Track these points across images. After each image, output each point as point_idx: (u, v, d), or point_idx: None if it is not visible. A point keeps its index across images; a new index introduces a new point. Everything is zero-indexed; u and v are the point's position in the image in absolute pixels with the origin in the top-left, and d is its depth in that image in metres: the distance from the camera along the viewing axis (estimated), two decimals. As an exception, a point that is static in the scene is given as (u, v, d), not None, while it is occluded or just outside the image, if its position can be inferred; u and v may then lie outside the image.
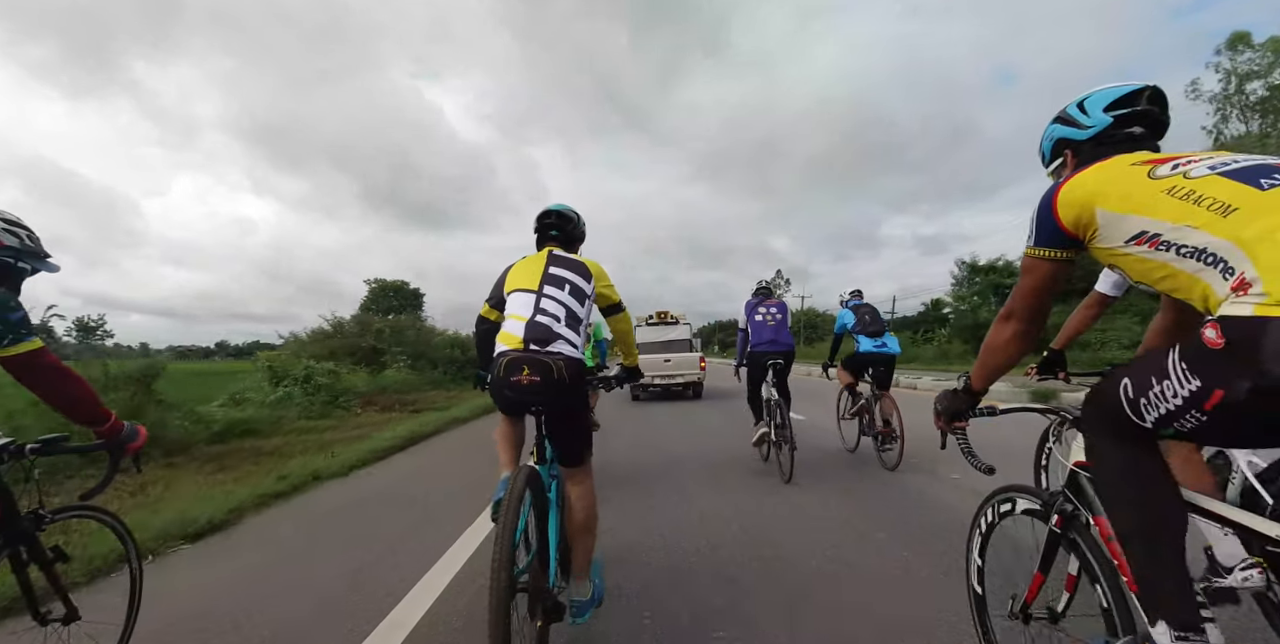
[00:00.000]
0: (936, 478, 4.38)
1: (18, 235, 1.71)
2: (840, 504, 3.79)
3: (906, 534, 3.09)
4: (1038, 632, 1.59)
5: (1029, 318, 1.33)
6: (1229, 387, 0.91)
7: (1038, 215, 1.25)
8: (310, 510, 4.19)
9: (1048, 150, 1.47)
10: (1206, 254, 0.97)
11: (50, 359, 1.66)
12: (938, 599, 2.32)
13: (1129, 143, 1.29)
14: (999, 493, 1.63)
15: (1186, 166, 1.07)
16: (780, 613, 2.28)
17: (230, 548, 3.39)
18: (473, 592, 2.52)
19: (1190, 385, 0.96)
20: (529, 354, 2.00)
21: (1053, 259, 1.25)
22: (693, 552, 2.97)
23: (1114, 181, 1.14)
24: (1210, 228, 0.97)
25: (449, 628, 2.24)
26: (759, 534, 3.20)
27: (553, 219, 2.48)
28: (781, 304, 5.07)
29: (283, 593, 2.66)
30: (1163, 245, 1.03)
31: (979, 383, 1.47)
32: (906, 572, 2.64)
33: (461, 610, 2.37)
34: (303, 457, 6.11)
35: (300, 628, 2.32)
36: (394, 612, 2.37)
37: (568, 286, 2.20)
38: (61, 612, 1.89)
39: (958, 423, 1.53)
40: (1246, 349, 0.88)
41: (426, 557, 2.95)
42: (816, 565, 2.74)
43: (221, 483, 5.01)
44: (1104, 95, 1.33)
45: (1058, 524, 1.43)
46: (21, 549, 1.74)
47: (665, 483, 4.54)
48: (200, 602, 2.59)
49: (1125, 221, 1.09)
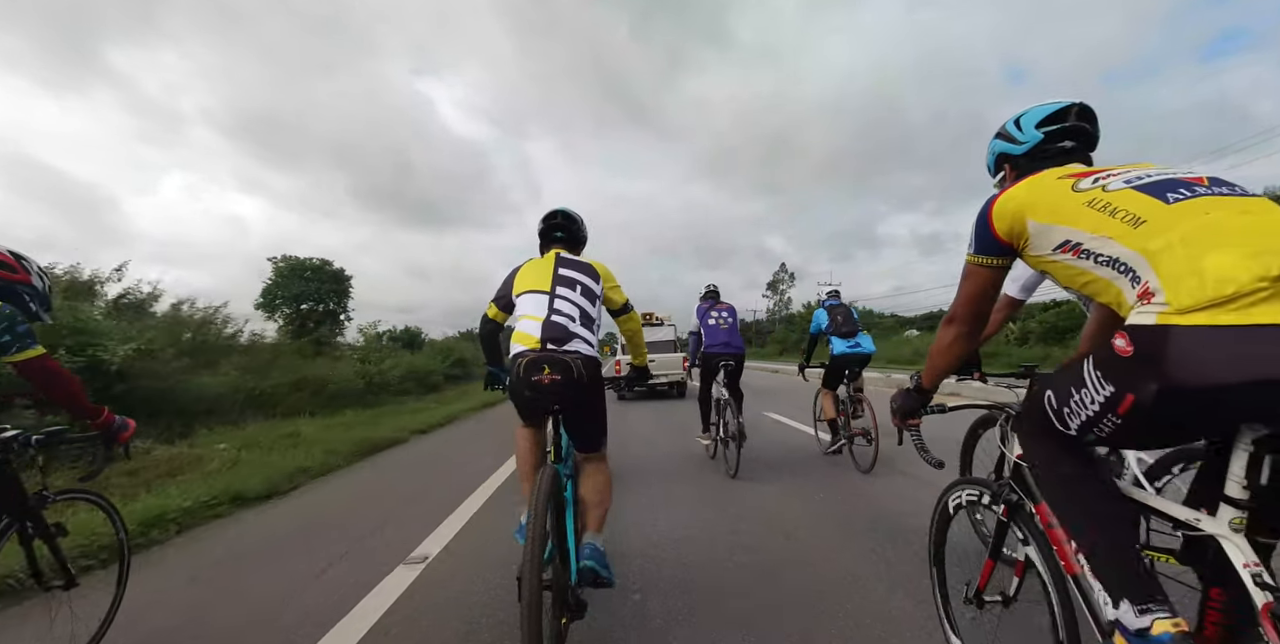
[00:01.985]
0: (909, 478, 4.38)
1: (44, 282, 2.12)
2: (802, 499, 3.91)
3: (877, 528, 3.18)
4: (994, 615, 1.69)
5: (970, 321, 1.42)
6: (1138, 391, 0.97)
7: (976, 225, 1.34)
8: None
9: (991, 164, 1.57)
10: (1119, 263, 1.05)
11: (52, 364, 1.95)
12: (892, 590, 2.42)
13: (1061, 156, 1.38)
14: (954, 486, 1.72)
15: (1106, 180, 1.16)
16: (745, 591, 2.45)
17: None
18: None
19: (1105, 391, 1.03)
20: (548, 353, 2.03)
21: (989, 266, 1.34)
22: (666, 542, 3.10)
23: (1042, 194, 1.22)
24: (1122, 238, 1.04)
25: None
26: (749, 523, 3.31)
27: (559, 220, 2.51)
28: (731, 308, 5.30)
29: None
30: (1084, 254, 1.11)
31: (929, 382, 1.56)
32: (881, 564, 2.70)
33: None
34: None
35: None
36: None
37: (579, 287, 2.24)
38: (61, 580, 2.13)
39: (911, 420, 1.62)
40: (1152, 356, 0.94)
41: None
42: (780, 553, 2.85)
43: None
44: (1036, 113, 1.42)
45: (1004, 513, 1.52)
46: (28, 524, 1.99)
47: (647, 477, 4.66)
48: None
49: (1052, 232, 1.18)
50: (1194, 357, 0.90)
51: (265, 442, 6.66)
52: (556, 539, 1.93)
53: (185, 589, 2.76)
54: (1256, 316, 0.87)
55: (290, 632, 2.23)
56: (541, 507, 1.73)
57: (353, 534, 3.42)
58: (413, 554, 2.99)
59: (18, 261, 2.01)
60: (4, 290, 1.94)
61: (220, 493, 4.19)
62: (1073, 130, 1.38)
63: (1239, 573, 0.97)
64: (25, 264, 2.04)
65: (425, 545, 3.13)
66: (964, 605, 1.67)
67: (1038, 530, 1.41)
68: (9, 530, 1.91)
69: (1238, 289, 0.88)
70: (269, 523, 3.89)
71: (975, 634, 1.76)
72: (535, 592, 1.56)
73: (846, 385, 4.90)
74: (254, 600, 2.55)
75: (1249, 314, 0.87)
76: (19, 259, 2.03)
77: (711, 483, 4.44)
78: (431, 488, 4.64)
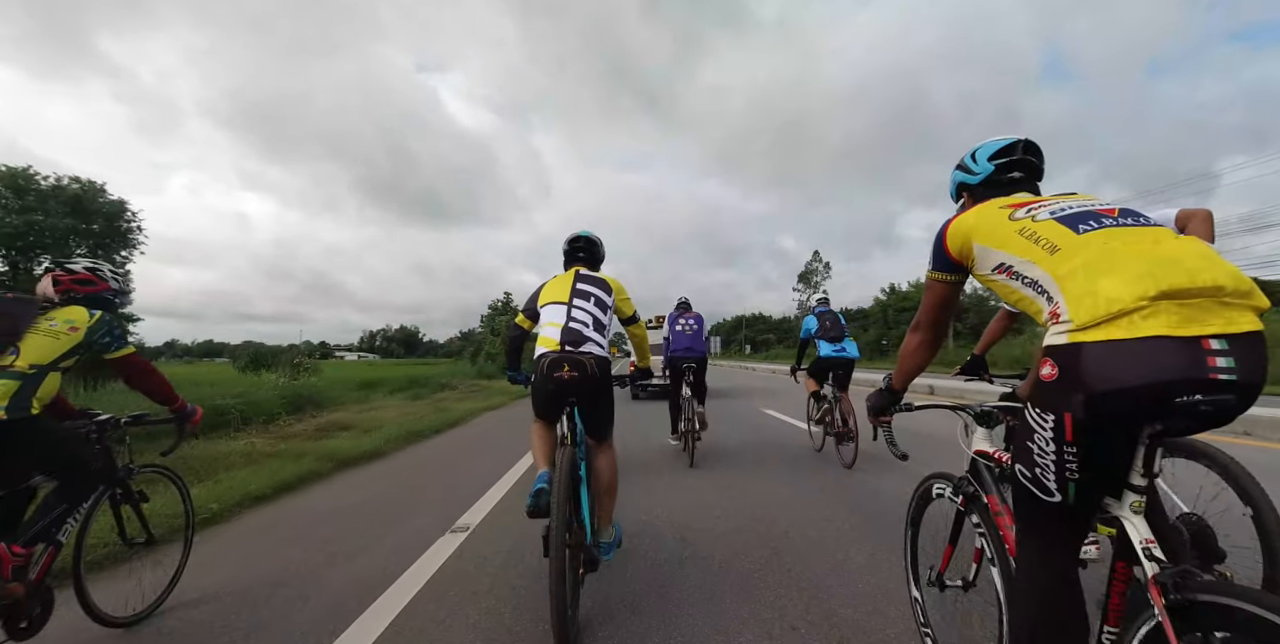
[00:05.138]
0: (891, 473, 4.67)
1: (119, 280, 2.45)
2: (773, 491, 4.19)
3: (858, 519, 3.38)
4: (955, 598, 1.86)
5: (931, 328, 1.59)
6: (1071, 407, 1.07)
7: (934, 245, 1.52)
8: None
9: (953, 191, 1.74)
10: (1038, 285, 1.20)
11: (140, 360, 2.31)
12: (863, 572, 2.65)
13: (1011, 185, 1.55)
14: (926, 479, 1.89)
15: (1035, 210, 1.32)
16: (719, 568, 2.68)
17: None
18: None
19: (1048, 424, 1.12)
20: (566, 354, 2.42)
21: (945, 281, 1.51)
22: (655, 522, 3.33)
23: (984, 220, 1.40)
24: (1041, 263, 1.19)
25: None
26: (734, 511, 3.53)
27: (582, 244, 2.96)
28: (698, 316, 6.02)
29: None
30: (1014, 276, 1.26)
31: (898, 383, 1.73)
32: (843, 551, 2.89)
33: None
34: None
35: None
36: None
37: (593, 299, 2.64)
38: (144, 537, 2.53)
39: (883, 417, 1.80)
40: (1071, 372, 1.07)
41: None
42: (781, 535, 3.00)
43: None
44: (988, 147, 1.59)
45: (961, 504, 1.69)
46: (117, 491, 2.39)
47: (647, 471, 5.01)
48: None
49: (991, 254, 1.34)
50: (1102, 367, 1.06)
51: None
52: (573, 507, 2.22)
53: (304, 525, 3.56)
54: (1142, 330, 1.04)
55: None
56: (564, 479, 2.10)
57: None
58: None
59: (94, 274, 2.35)
60: (95, 301, 2.30)
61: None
62: (1019, 163, 1.54)
63: (1135, 548, 1.14)
64: (100, 274, 2.37)
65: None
66: (928, 587, 1.84)
67: (990, 520, 1.59)
68: (103, 496, 2.29)
69: (1123, 307, 1.05)
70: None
71: (938, 600, 1.92)
72: (560, 547, 1.91)
73: (832, 386, 5.26)
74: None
75: (1136, 328, 1.04)
76: (94, 272, 2.36)
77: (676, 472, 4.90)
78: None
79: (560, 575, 1.88)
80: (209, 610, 2.42)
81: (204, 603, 2.49)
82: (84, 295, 2.28)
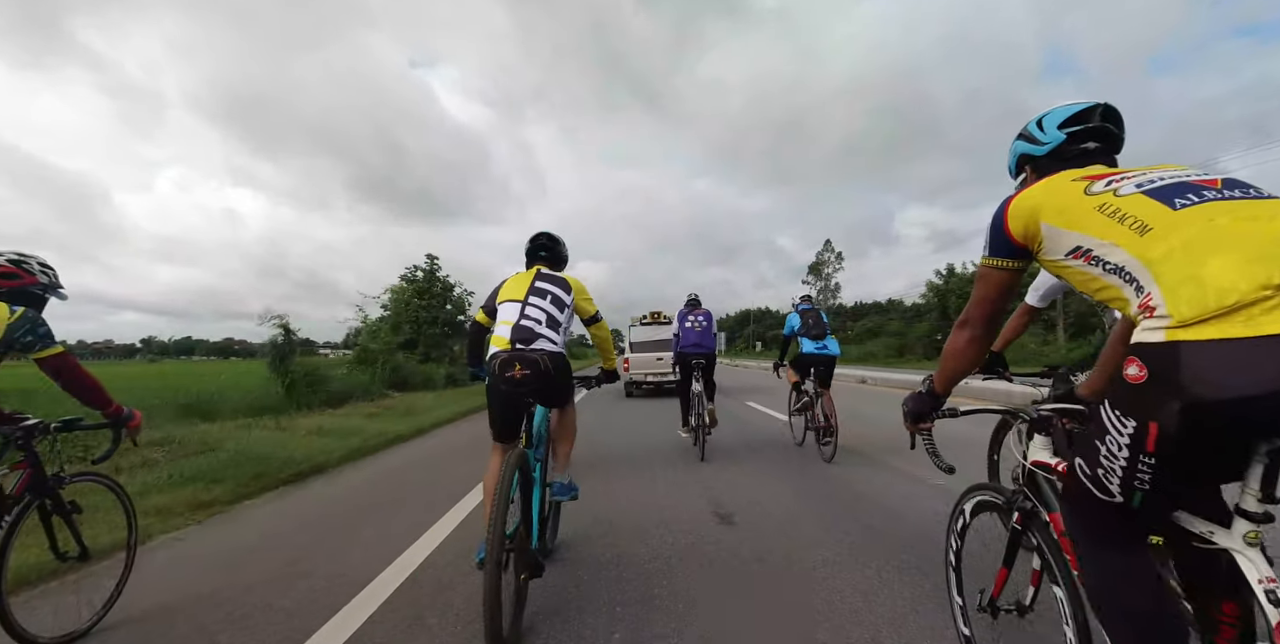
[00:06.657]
0: (874, 468, 4.69)
1: (48, 274, 2.25)
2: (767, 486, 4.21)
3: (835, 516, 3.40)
4: (1007, 624, 1.66)
5: (983, 324, 1.37)
6: (1161, 417, 0.91)
7: (991, 227, 1.31)
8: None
9: (1012, 165, 1.53)
10: (1124, 272, 1.01)
11: (71, 360, 2.12)
12: (853, 561, 2.66)
13: (1083, 157, 1.34)
14: (969, 492, 1.69)
15: (1118, 183, 1.11)
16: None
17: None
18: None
19: (1127, 429, 0.96)
20: (517, 352, 2.33)
21: (1004, 268, 1.30)
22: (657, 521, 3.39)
23: (1055, 196, 1.19)
24: (1128, 246, 1.00)
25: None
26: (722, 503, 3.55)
27: (543, 241, 2.90)
28: (708, 313, 6.07)
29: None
30: (1093, 261, 1.07)
31: (941, 386, 1.51)
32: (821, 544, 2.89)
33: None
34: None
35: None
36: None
37: (549, 296, 2.56)
38: (77, 551, 2.31)
39: (923, 424, 1.57)
40: (1165, 376, 0.89)
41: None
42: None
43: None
44: (1059, 113, 1.39)
45: (1018, 522, 1.48)
46: (47, 502, 2.17)
47: (641, 466, 5.12)
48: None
49: (1064, 236, 1.14)
50: (1209, 371, 0.86)
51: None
52: (523, 510, 2.18)
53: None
54: (1265, 327, 0.83)
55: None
56: (509, 475, 2.01)
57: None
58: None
59: (19, 267, 2.16)
60: (18, 295, 2.11)
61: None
62: (1096, 131, 1.34)
63: (1254, 588, 0.95)
64: (26, 267, 2.18)
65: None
66: (978, 613, 1.64)
67: (1052, 540, 1.38)
68: (29, 506, 2.09)
69: (1239, 299, 0.85)
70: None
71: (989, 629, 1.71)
72: (497, 550, 1.85)
73: (814, 383, 5.32)
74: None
75: (1258, 325, 0.84)
76: (19, 264, 2.17)
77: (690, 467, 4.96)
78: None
79: (495, 577, 1.81)
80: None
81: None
82: (6, 290, 2.09)
